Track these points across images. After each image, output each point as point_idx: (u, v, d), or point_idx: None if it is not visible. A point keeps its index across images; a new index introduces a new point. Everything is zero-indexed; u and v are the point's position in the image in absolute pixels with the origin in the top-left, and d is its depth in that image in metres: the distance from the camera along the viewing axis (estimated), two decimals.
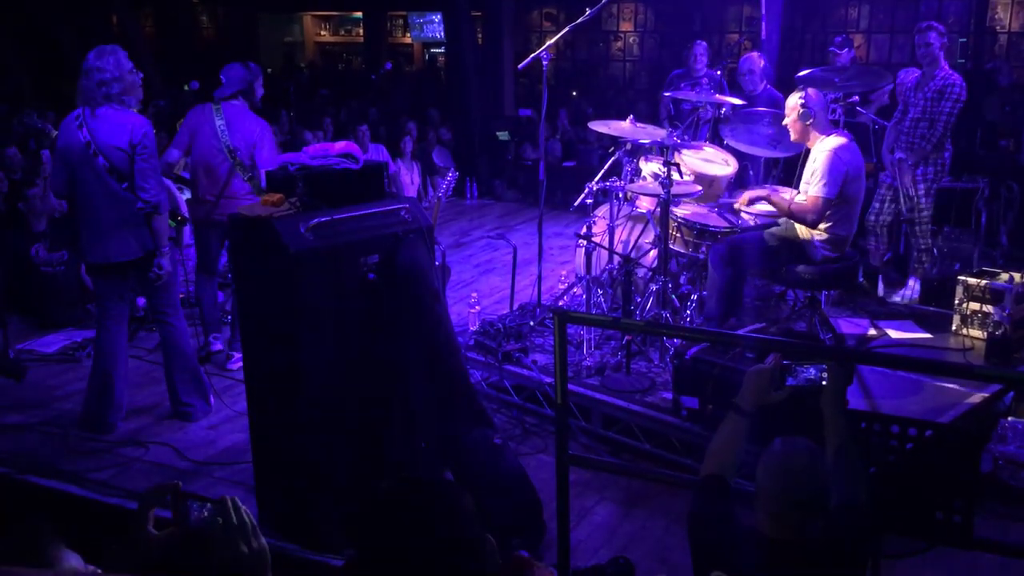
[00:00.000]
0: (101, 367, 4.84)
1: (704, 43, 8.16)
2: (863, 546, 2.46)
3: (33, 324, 6.47)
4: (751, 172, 6.55)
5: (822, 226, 4.96)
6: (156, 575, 1.60)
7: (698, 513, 2.49)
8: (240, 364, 5.62)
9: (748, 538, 2.36)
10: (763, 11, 8.68)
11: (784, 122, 5.13)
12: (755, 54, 7.28)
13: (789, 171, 6.31)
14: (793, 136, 5.09)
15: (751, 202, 5.28)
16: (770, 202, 5.13)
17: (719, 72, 6.99)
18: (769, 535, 2.33)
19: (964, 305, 5.34)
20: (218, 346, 5.84)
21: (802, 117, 4.96)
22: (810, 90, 5.01)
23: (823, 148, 4.90)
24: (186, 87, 5.47)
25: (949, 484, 2.62)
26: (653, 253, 5.45)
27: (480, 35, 13.25)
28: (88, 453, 4.65)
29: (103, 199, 4.56)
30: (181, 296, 5.27)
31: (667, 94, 7.10)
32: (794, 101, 5.00)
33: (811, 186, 4.90)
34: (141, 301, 5.95)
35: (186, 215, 5.31)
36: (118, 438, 4.81)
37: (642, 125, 5.61)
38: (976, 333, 5.25)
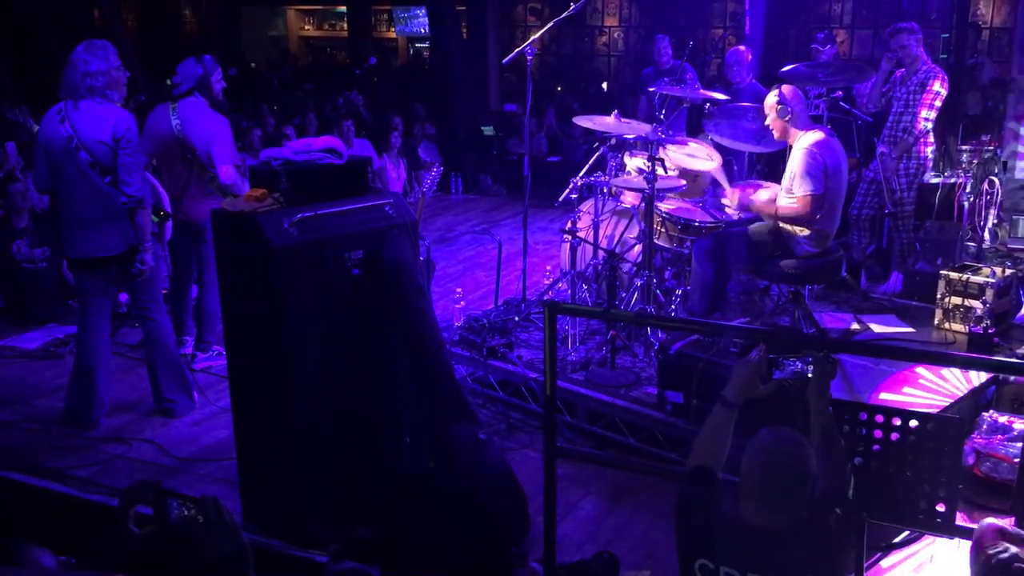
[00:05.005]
0: (83, 363, 4.80)
1: (666, 36, 8.21)
2: (847, 535, 2.49)
3: (14, 321, 6.42)
4: (735, 167, 6.56)
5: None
6: (137, 573, 1.59)
7: (685, 502, 2.52)
8: (205, 364, 5.60)
9: (733, 527, 2.38)
10: (747, 7, 8.72)
11: (766, 122, 5.15)
12: (742, 47, 7.30)
13: (771, 166, 6.34)
14: (776, 135, 5.11)
15: (742, 208, 5.25)
16: (761, 211, 5.13)
17: (684, 63, 7.00)
18: (754, 524, 2.35)
19: (946, 299, 5.37)
20: (188, 347, 5.74)
21: (780, 114, 4.98)
22: (784, 87, 5.03)
23: (799, 147, 4.93)
24: (168, 82, 5.40)
25: (933, 473, 2.66)
26: (638, 248, 5.46)
27: (465, 30, 13.21)
28: (70, 450, 4.62)
29: (86, 193, 4.52)
30: (164, 292, 5.24)
31: (652, 88, 7.11)
32: (771, 100, 5.02)
33: (795, 187, 4.91)
34: (123, 297, 5.91)
35: (169, 211, 5.27)
36: (101, 434, 4.78)
37: (626, 120, 5.61)
38: (958, 327, 5.29)
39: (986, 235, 7.16)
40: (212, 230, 3.79)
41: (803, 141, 4.92)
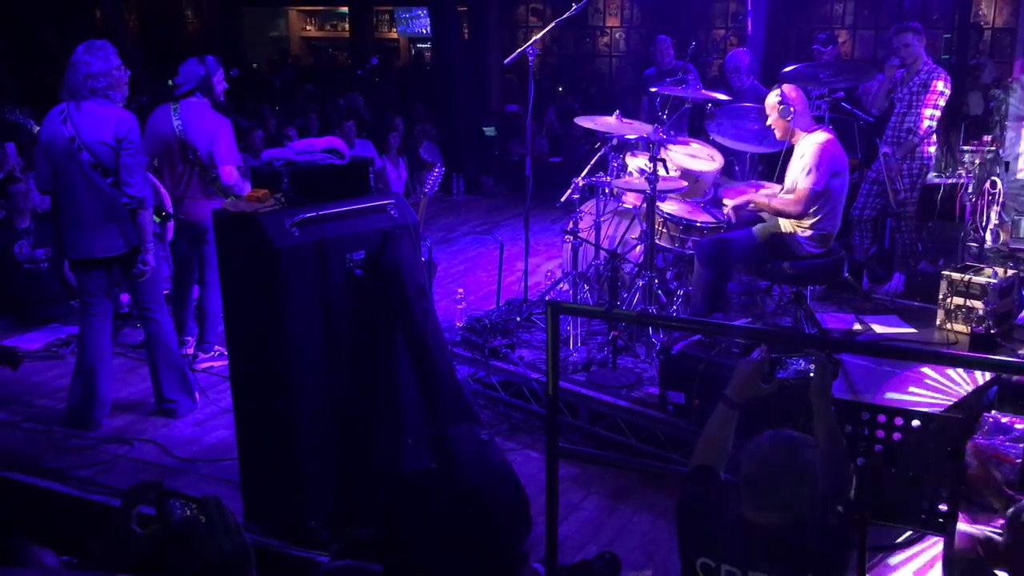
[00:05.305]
0: (85, 363, 4.80)
1: (668, 37, 8.21)
2: (848, 535, 2.49)
3: (16, 321, 6.42)
4: (736, 168, 6.56)
5: (807, 222, 4.96)
6: (139, 573, 1.58)
7: (687, 500, 2.52)
8: (206, 364, 5.60)
9: (735, 526, 2.38)
10: (748, 7, 8.71)
11: (767, 123, 5.13)
12: (742, 50, 7.30)
13: (770, 166, 6.33)
14: (778, 135, 5.09)
15: (737, 208, 5.24)
16: (754, 203, 5.12)
17: (686, 63, 7.00)
18: (755, 523, 2.35)
19: (948, 300, 5.36)
20: (190, 348, 5.74)
21: (782, 114, 4.96)
22: (785, 87, 5.01)
23: (811, 142, 4.90)
24: (170, 82, 5.41)
25: (936, 473, 2.65)
26: (639, 249, 5.46)
27: (466, 30, 13.22)
28: (72, 450, 4.63)
29: (87, 194, 4.53)
30: (165, 293, 5.24)
31: (654, 89, 7.10)
32: (772, 100, 5.00)
33: (799, 179, 4.90)
34: (125, 297, 5.91)
35: (170, 211, 5.27)
36: (102, 435, 4.78)
37: (628, 121, 5.61)
38: (960, 328, 5.28)
39: (988, 235, 7.16)
40: (214, 230, 3.79)
41: (815, 137, 4.90)
